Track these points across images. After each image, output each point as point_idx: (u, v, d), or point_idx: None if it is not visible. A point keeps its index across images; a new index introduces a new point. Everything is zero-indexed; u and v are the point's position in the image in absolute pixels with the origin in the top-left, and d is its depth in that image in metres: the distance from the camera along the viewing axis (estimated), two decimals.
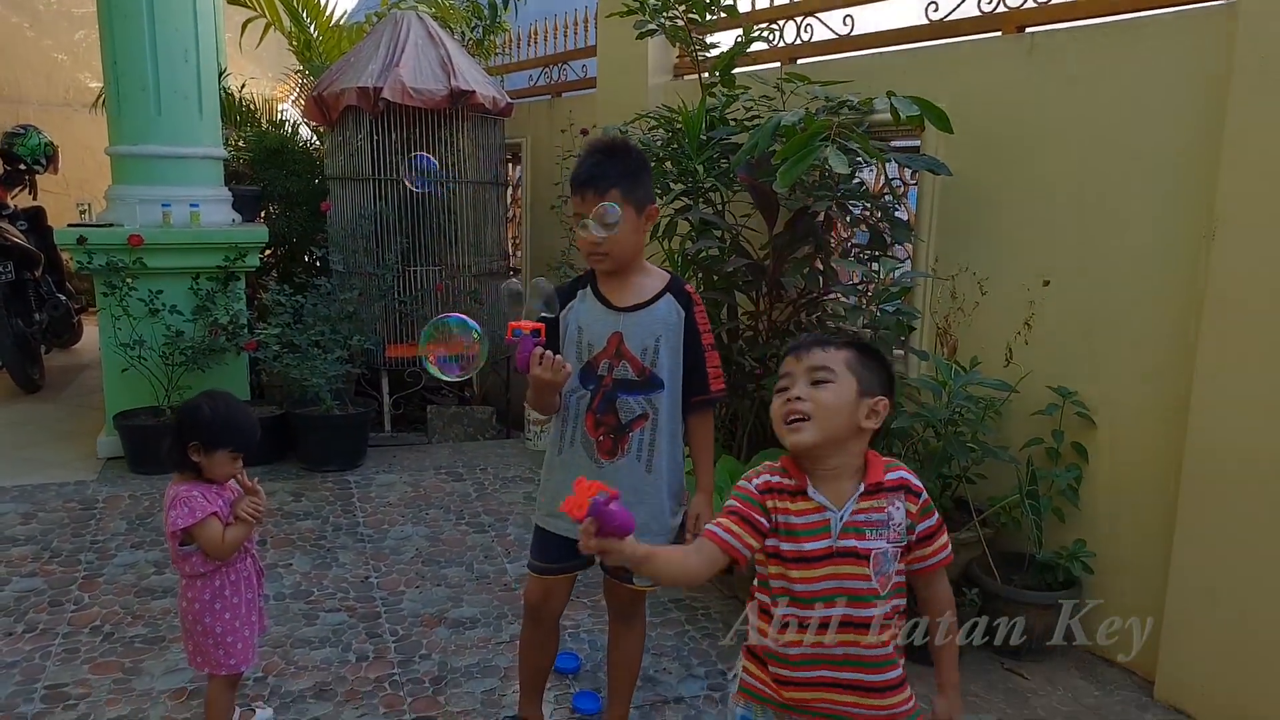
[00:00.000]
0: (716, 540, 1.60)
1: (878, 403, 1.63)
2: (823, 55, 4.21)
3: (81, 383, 6.62)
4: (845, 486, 1.63)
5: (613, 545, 1.41)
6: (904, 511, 1.65)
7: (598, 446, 2.27)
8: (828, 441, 1.60)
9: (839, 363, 1.62)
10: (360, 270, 5.29)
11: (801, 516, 1.62)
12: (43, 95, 9.79)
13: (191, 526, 2.26)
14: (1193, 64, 2.81)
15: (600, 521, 1.40)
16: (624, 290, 2.27)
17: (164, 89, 4.88)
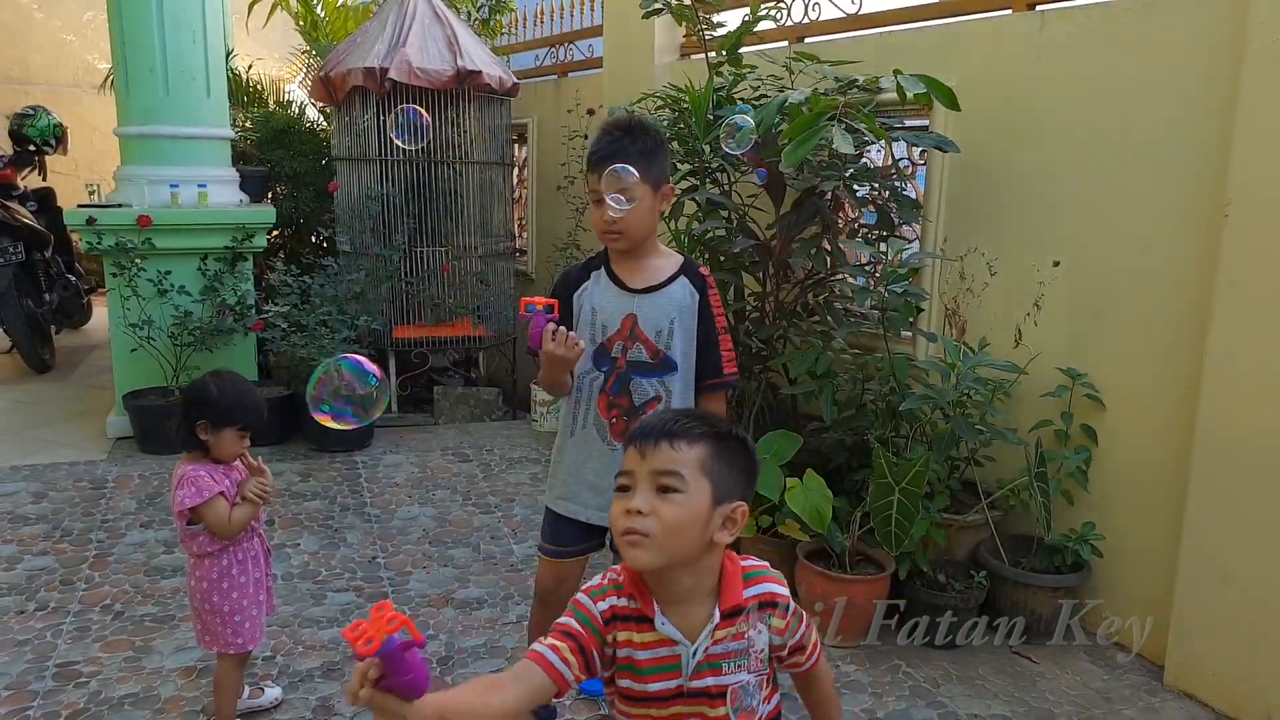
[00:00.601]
0: (543, 664, 1.30)
1: (735, 510, 1.35)
2: (831, 34, 4.17)
3: (91, 363, 6.65)
4: (698, 612, 1.36)
5: (390, 707, 1.12)
6: (768, 633, 1.40)
7: (610, 429, 2.27)
8: (672, 564, 1.33)
9: (691, 465, 1.32)
10: (367, 251, 5.29)
11: (647, 651, 1.35)
12: (51, 76, 9.78)
13: (198, 506, 2.27)
14: (1205, 42, 2.78)
15: (388, 668, 1.11)
16: (638, 271, 2.26)
17: (172, 70, 4.87)
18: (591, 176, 2.16)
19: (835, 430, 3.54)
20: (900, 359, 3.34)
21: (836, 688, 2.77)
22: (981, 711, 2.76)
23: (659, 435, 1.34)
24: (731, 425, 1.41)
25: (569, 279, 2.33)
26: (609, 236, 2.20)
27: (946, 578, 3.15)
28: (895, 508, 2.96)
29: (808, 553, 3.20)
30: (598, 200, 2.16)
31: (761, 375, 3.87)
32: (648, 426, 1.36)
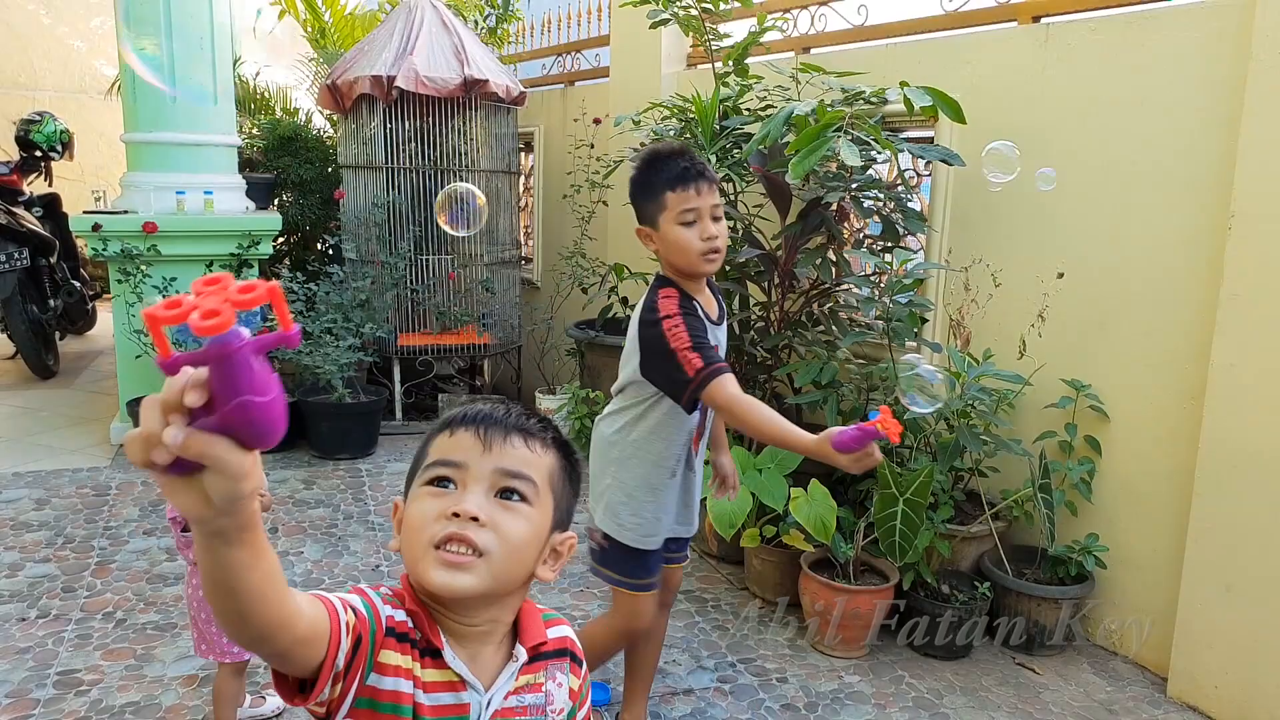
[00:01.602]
0: (328, 605, 0.91)
1: (565, 541, 1.08)
2: (837, 45, 4.18)
3: (96, 369, 6.66)
4: (489, 654, 1.04)
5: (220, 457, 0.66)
6: (567, 688, 1.11)
7: (691, 457, 2.32)
8: (493, 594, 1.00)
9: (543, 473, 1.04)
10: (373, 258, 5.30)
11: (430, 695, 0.98)
12: (58, 82, 9.82)
13: None
14: (1209, 54, 2.78)
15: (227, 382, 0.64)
16: (707, 299, 2.21)
17: (179, 76, 4.88)
18: (682, 194, 2.04)
19: None
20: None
21: (830, 703, 2.78)
22: None
23: (512, 428, 1.04)
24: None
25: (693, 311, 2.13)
26: (710, 258, 2.08)
27: (950, 588, 3.15)
28: (899, 518, 2.95)
29: (812, 563, 3.19)
30: (687, 221, 2.05)
31: (766, 385, 3.87)
32: (495, 414, 1.05)
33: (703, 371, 1.99)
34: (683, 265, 2.09)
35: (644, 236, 2.16)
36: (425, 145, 5.31)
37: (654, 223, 2.09)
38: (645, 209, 2.11)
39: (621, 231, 5.57)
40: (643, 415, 2.21)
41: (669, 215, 2.05)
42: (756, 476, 3.38)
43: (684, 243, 2.06)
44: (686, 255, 2.06)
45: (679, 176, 2.04)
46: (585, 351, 5.12)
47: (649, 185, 2.08)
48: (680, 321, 2.05)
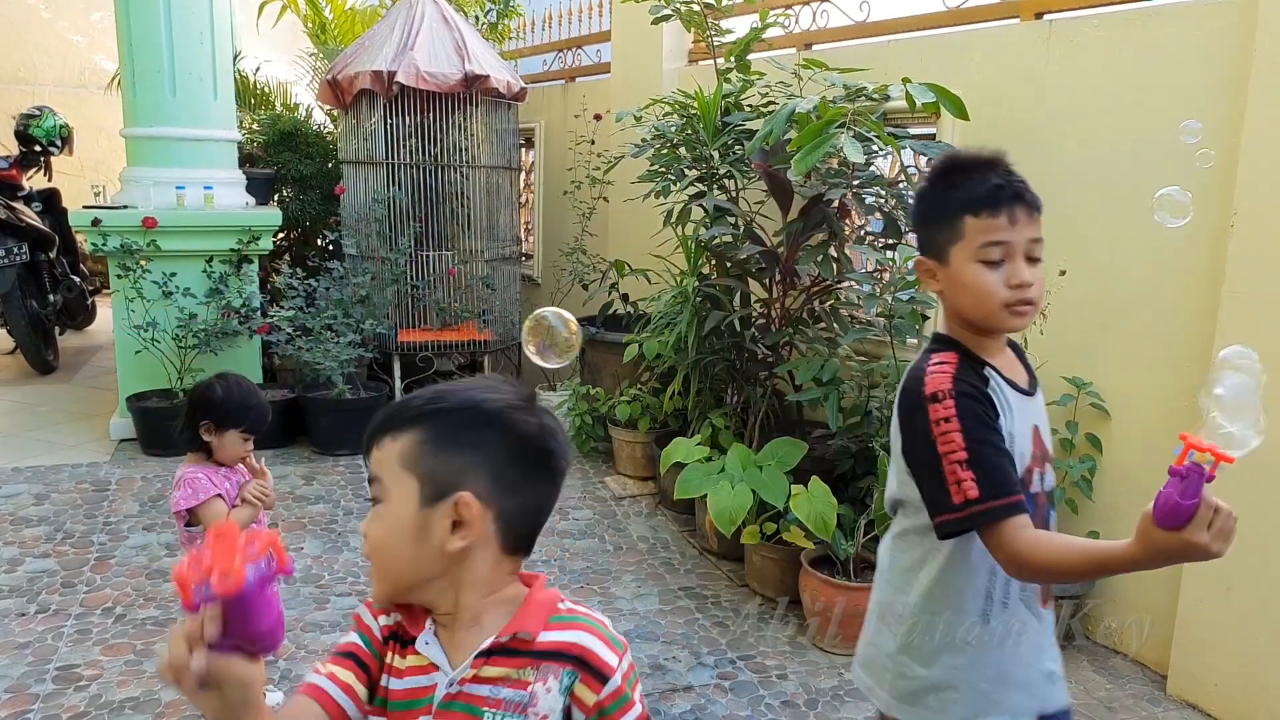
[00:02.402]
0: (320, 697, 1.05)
1: (457, 504, 1.02)
2: (839, 41, 4.18)
3: (95, 364, 6.65)
4: (475, 638, 1.06)
5: (234, 674, 0.84)
6: (564, 698, 1.05)
7: (1040, 592, 1.56)
8: (401, 592, 1.07)
9: (392, 464, 1.04)
10: (373, 254, 5.29)
11: (402, 680, 1.07)
12: (58, 77, 9.81)
13: (195, 507, 2.27)
14: (1213, 51, 2.77)
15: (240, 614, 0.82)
16: (1010, 364, 1.57)
17: (179, 71, 4.88)
18: (988, 221, 1.46)
19: (840, 437, 3.53)
20: (906, 366, 3.32)
21: (830, 700, 2.78)
22: None
23: (373, 430, 1.08)
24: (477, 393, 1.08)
25: (977, 391, 1.47)
26: (1019, 312, 1.46)
27: None
28: None
29: (812, 560, 3.19)
30: (990, 260, 1.45)
31: (767, 382, 3.87)
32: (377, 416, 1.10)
33: (977, 507, 1.38)
34: (976, 317, 1.50)
35: (924, 272, 1.56)
36: (426, 141, 5.29)
37: (941, 254, 1.51)
38: (931, 235, 1.54)
39: (622, 228, 5.56)
40: (929, 540, 1.51)
41: (965, 248, 1.48)
42: (757, 473, 3.38)
43: (982, 288, 1.46)
44: (983, 305, 1.47)
45: (987, 196, 1.47)
46: (585, 348, 5.12)
47: (941, 204, 1.53)
48: (954, 410, 1.42)
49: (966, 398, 1.44)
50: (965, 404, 1.43)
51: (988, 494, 1.37)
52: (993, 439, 1.43)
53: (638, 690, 1.09)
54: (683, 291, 4.02)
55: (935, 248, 1.53)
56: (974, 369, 1.49)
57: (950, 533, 1.43)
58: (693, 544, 3.95)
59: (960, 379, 1.46)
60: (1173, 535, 1.16)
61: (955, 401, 1.43)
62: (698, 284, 3.93)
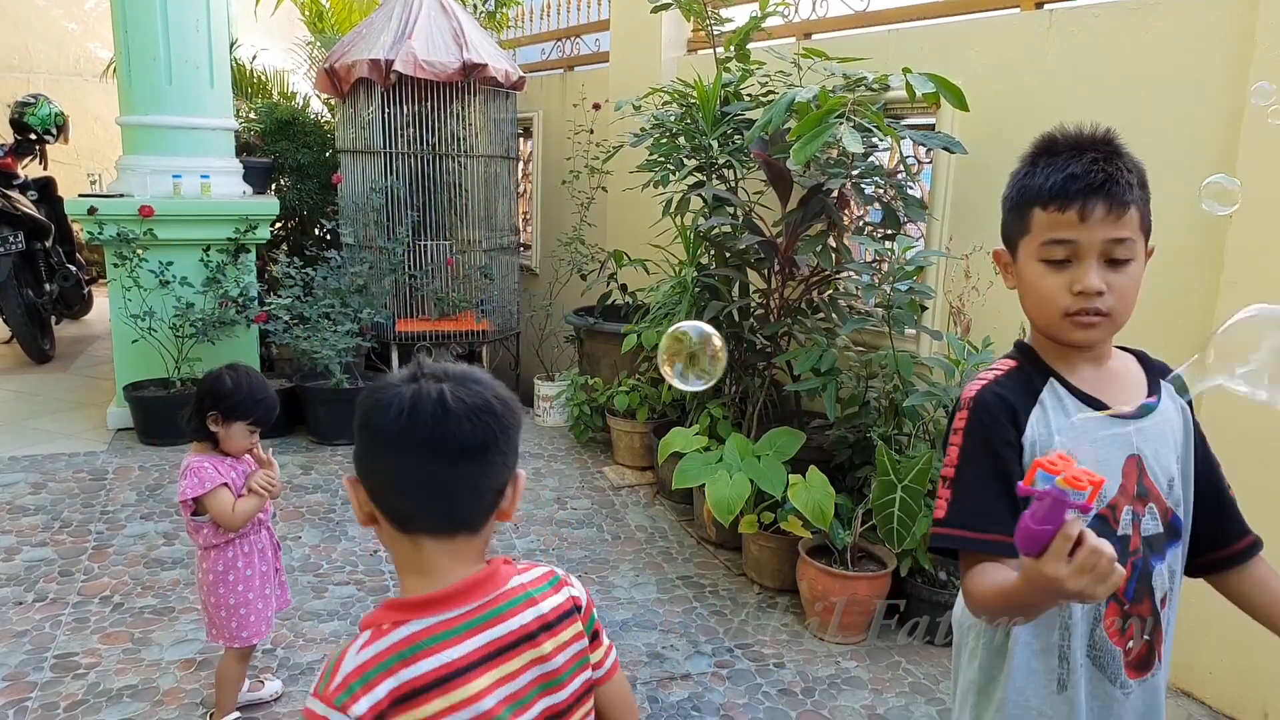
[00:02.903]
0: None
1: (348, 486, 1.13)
2: (839, 31, 4.16)
3: (92, 354, 6.64)
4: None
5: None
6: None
7: (1126, 659, 1.34)
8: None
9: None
10: (371, 244, 5.28)
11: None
12: (53, 65, 9.76)
13: (201, 497, 2.27)
14: (1214, 42, 2.77)
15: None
16: (1109, 381, 1.37)
17: (175, 59, 4.86)
18: (1053, 216, 1.28)
19: (838, 427, 3.53)
20: (904, 357, 3.33)
21: (827, 688, 2.79)
22: None
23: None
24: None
25: (998, 405, 1.31)
26: (1081, 321, 1.29)
27: (948, 575, 3.15)
28: (897, 505, 2.95)
29: (810, 549, 3.19)
30: (1052, 259, 1.28)
31: (765, 372, 3.87)
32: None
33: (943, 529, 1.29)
34: (1039, 323, 1.35)
35: (1001, 264, 1.41)
36: (423, 130, 5.28)
37: (1014, 248, 1.36)
38: (1008, 224, 1.38)
39: (621, 218, 5.55)
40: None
41: (1030, 243, 1.31)
42: (755, 463, 3.38)
43: (1041, 291, 1.30)
44: (1043, 311, 1.31)
45: (1057, 187, 1.28)
46: (584, 339, 5.12)
47: (1018, 191, 1.36)
48: (964, 423, 1.31)
49: (982, 411, 1.30)
50: (977, 418, 1.30)
51: (953, 519, 1.28)
52: (987, 462, 1.28)
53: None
54: (681, 281, 4.02)
55: (1010, 239, 1.38)
56: (1026, 380, 1.33)
57: (932, 547, 1.33)
58: (691, 533, 3.95)
59: (991, 390, 1.32)
60: (1034, 564, 1.03)
61: (969, 414, 1.31)
62: (696, 274, 3.92)
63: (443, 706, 1.03)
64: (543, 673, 1.11)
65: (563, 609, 1.17)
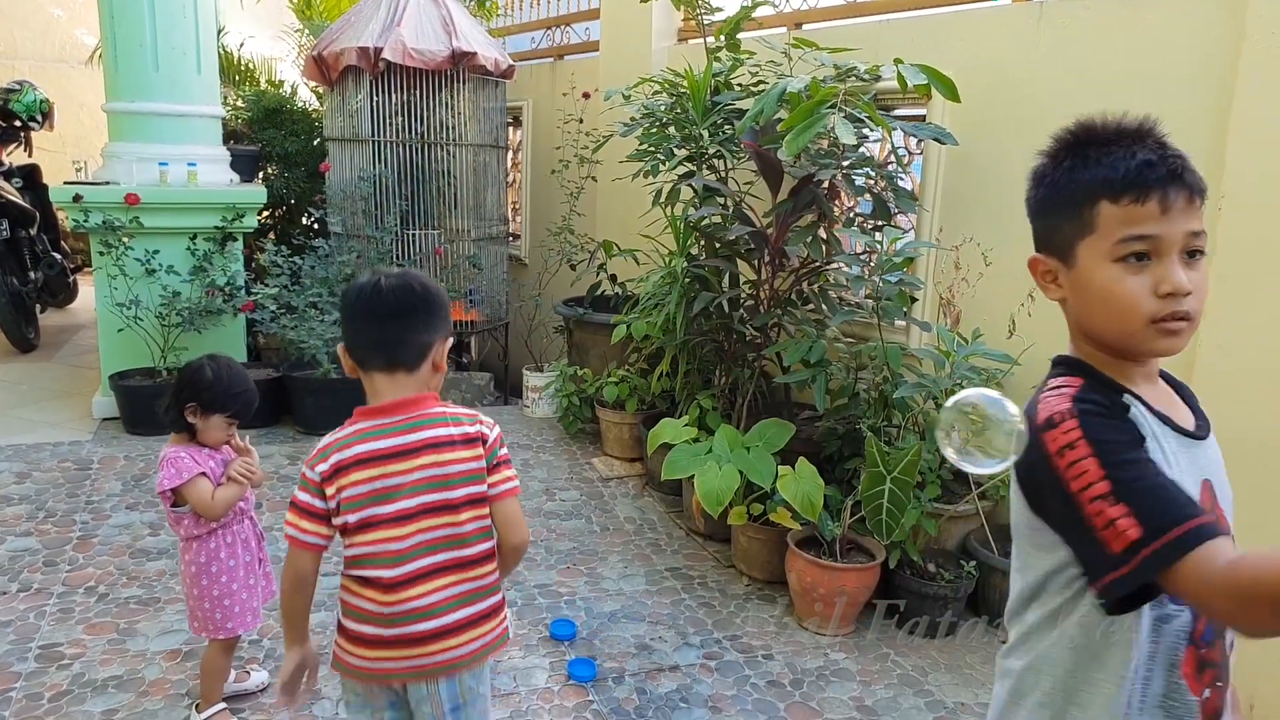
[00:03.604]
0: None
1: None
2: (829, 21, 4.15)
3: (77, 343, 6.59)
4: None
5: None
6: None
7: (1203, 709, 1.18)
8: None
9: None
10: (359, 233, 5.25)
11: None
12: (38, 51, 9.66)
13: (179, 487, 2.25)
14: (1204, 35, 2.76)
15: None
16: (1162, 397, 1.22)
17: (162, 45, 4.81)
18: (1130, 209, 1.11)
19: (828, 419, 3.53)
20: (894, 348, 3.33)
21: (816, 679, 2.79)
22: (969, 700, 2.76)
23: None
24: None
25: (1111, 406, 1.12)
26: (1170, 328, 1.11)
27: (936, 567, 3.16)
28: (886, 496, 2.95)
29: (799, 540, 3.20)
30: (1134, 253, 1.10)
31: (755, 363, 3.87)
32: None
33: (1146, 549, 0.99)
34: (1111, 335, 1.16)
35: (1042, 274, 1.24)
36: (412, 119, 5.25)
37: (1066, 252, 1.18)
38: (1052, 226, 1.20)
39: (610, 208, 5.53)
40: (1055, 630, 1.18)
41: (1098, 243, 1.13)
42: (744, 455, 3.38)
43: (1121, 297, 1.11)
44: (1121, 320, 1.12)
45: (1133, 175, 1.11)
46: (573, 329, 5.10)
47: (1068, 186, 1.17)
48: (1078, 432, 1.07)
49: (1092, 415, 1.08)
50: (1091, 422, 1.08)
51: (1153, 527, 0.99)
52: (1138, 457, 1.06)
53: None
54: (671, 272, 4.00)
55: (1058, 243, 1.18)
56: (1105, 393, 1.14)
57: (1125, 596, 1.02)
58: (680, 525, 3.95)
59: (1083, 398, 1.11)
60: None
61: (1078, 420, 1.08)
62: (686, 264, 3.91)
63: (363, 477, 1.65)
64: (438, 474, 1.66)
65: (470, 436, 1.69)
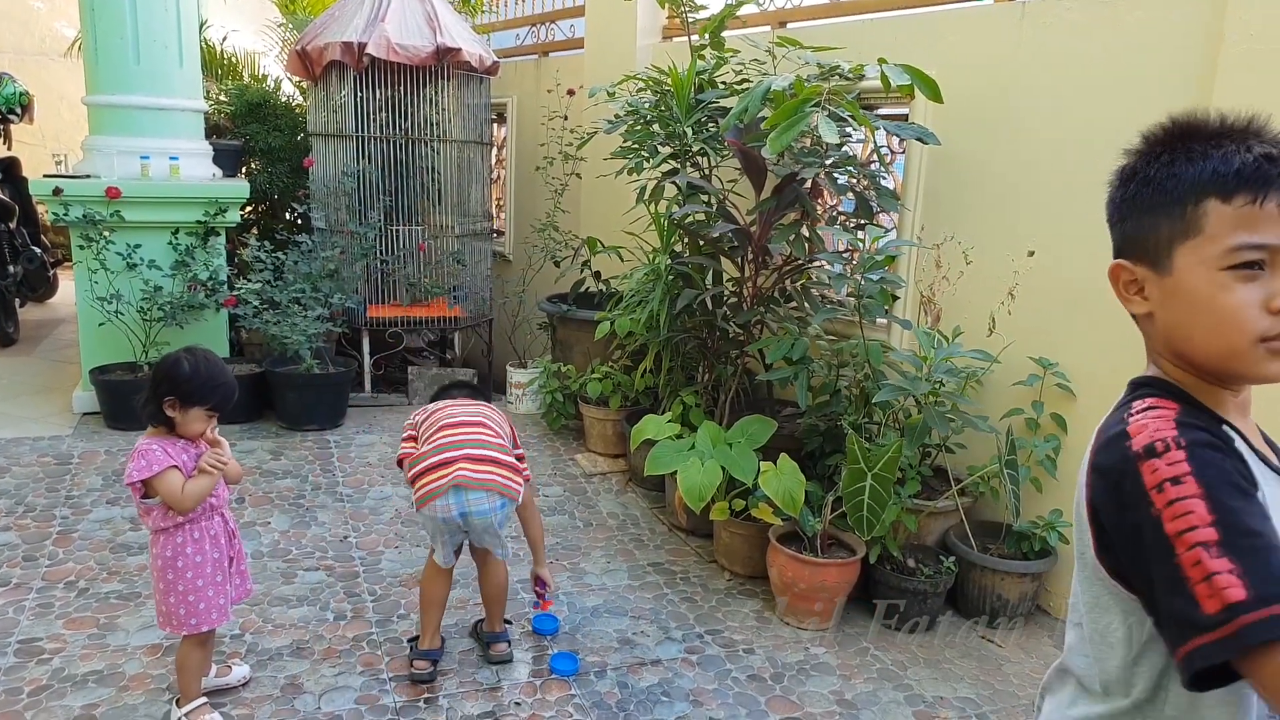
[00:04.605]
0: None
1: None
2: (813, 20, 4.17)
3: (57, 337, 6.53)
4: None
5: None
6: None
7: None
8: None
9: None
10: (342, 228, 5.23)
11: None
12: (17, 43, 9.56)
13: (150, 479, 2.24)
14: (1183, 35, 2.80)
15: None
16: (1256, 433, 1.07)
17: (143, 38, 4.77)
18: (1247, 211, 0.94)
19: (809, 416, 3.56)
20: (875, 346, 3.35)
21: (796, 674, 2.81)
22: (948, 694, 2.79)
23: None
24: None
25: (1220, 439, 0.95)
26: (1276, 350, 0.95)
27: (916, 562, 3.18)
28: (867, 493, 2.98)
29: (780, 536, 3.22)
30: (1246, 262, 0.95)
31: (738, 360, 3.88)
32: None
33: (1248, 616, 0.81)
34: (1211, 355, 1.00)
35: (1126, 284, 1.11)
36: (396, 114, 5.23)
37: (1159, 258, 1.03)
38: (1143, 228, 1.06)
39: (594, 205, 5.54)
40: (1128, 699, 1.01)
41: (1203, 249, 0.97)
42: (727, 451, 3.40)
43: (1228, 311, 0.96)
44: (1226, 337, 0.97)
45: (1251, 172, 0.94)
46: (557, 325, 5.10)
47: (1166, 182, 1.02)
48: (1187, 466, 0.90)
49: (1207, 448, 0.91)
50: (1205, 456, 0.90)
51: (1262, 593, 0.81)
52: (1253, 508, 0.87)
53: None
54: (655, 269, 4.01)
55: (1149, 247, 1.04)
56: (1208, 422, 0.98)
57: (1208, 669, 0.83)
58: (662, 521, 3.96)
59: (1189, 423, 0.95)
60: None
61: (1189, 453, 0.90)
62: (670, 262, 3.92)
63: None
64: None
65: None
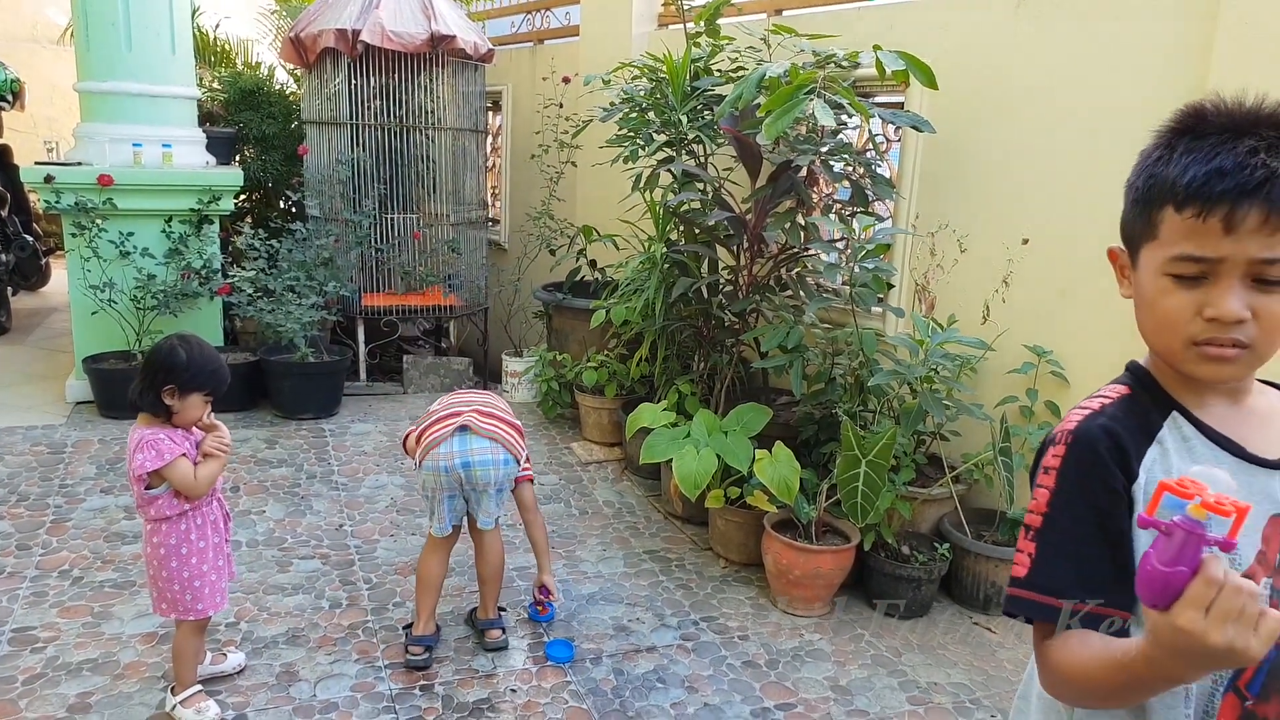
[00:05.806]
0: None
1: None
2: (809, 8, 4.15)
3: (50, 326, 6.51)
4: None
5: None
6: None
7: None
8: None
9: None
10: (337, 216, 5.21)
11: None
12: (8, 29, 9.50)
13: (161, 469, 2.25)
14: (1178, 23, 2.79)
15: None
16: (1245, 418, 1.08)
17: (135, 24, 4.75)
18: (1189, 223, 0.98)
19: (804, 404, 3.56)
20: (869, 334, 3.36)
21: (791, 660, 2.82)
22: (941, 680, 2.80)
23: None
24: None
25: (1105, 441, 1.04)
26: (1210, 353, 1.00)
27: (910, 549, 3.19)
28: (862, 480, 2.98)
29: (775, 523, 3.22)
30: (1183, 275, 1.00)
31: (733, 349, 3.88)
32: None
33: (1019, 591, 1.04)
34: (1157, 347, 1.08)
35: (1116, 265, 1.15)
36: (391, 102, 5.21)
37: (1133, 250, 1.09)
38: (1130, 219, 1.10)
39: (590, 193, 5.53)
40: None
41: (1156, 250, 1.03)
42: (722, 439, 3.40)
43: (1163, 312, 1.03)
44: (1162, 335, 1.04)
45: (1198, 183, 0.98)
46: (552, 314, 5.10)
47: (1148, 180, 1.06)
48: (1060, 461, 1.06)
49: (1083, 448, 1.04)
50: (1076, 456, 1.04)
51: (1036, 581, 1.03)
52: (1086, 513, 1.02)
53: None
54: (650, 257, 4.01)
55: (1130, 239, 1.10)
56: (1141, 412, 1.06)
57: (1008, 611, 1.07)
58: (657, 508, 3.97)
59: (1097, 422, 1.05)
60: (1164, 620, 0.82)
61: (1067, 451, 1.05)
62: (665, 250, 3.92)
63: None
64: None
65: None
